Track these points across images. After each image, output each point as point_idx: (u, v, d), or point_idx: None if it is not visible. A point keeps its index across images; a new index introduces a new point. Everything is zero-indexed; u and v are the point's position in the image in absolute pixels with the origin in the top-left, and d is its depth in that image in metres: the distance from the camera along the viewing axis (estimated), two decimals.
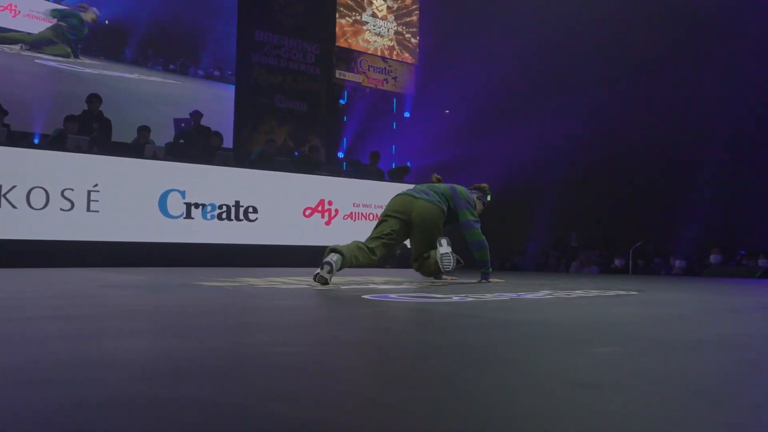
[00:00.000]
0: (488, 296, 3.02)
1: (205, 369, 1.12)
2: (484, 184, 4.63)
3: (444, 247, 3.92)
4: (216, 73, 11.47)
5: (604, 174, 12.60)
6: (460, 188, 4.34)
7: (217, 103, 11.09)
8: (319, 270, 3.53)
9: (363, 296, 2.88)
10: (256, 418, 0.81)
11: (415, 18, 14.11)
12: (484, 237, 4.20)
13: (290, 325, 1.78)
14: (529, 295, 3.19)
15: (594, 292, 3.60)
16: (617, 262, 9.43)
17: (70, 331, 1.54)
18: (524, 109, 13.07)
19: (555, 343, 1.50)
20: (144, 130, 8.19)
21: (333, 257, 3.58)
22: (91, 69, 10.15)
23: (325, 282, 3.51)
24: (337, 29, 12.67)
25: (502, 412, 0.87)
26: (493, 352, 1.38)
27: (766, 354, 1.42)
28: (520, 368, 1.20)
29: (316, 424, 0.78)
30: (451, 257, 3.93)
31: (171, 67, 10.96)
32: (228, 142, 9.88)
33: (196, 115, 9.14)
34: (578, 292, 3.56)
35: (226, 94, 11.49)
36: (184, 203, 7.10)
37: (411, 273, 5.58)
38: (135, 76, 10.61)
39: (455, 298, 2.85)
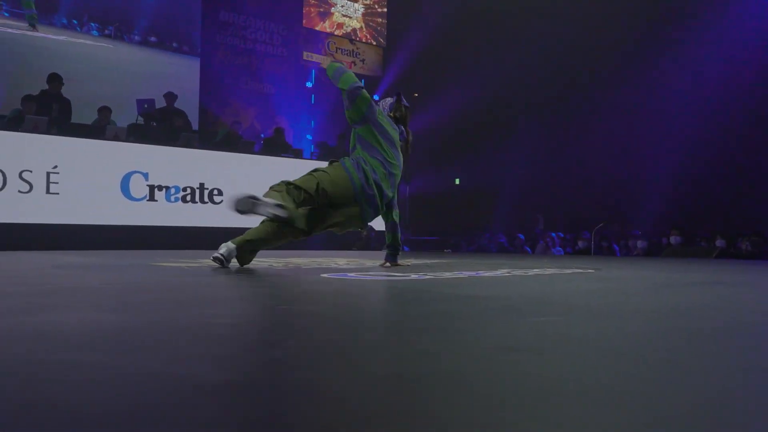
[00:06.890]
0: (447, 275, 3.06)
1: (129, 339, 1.12)
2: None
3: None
4: (184, 48, 11.20)
5: (572, 156, 12.75)
6: None
7: (182, 84, 10.87)
8: None
9: (322, 275, 2.90)
10: (160, 380, 0.81)
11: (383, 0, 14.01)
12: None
13: (239, 300, 1.78)
14: (487, 273, 3.24)
15: (551, 271, 3.66)
16: (581, 243, 9.60)
17: (16, 306, 1.53)
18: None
19: (494, 315, 1.54)
20: (105, 111, 8.05)
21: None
22: (51, 41, 9.78)
23: None
24: (303, 10, 12.52)
25: (422, 375, 0.89)
26: (431, 322, 1.40)
27: (686, 321, 1.47)
28: (452, 336, 1.22)
29: (223, 386, 0.79)
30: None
31: (135, 38, 10.66)
32: (193, 124, 9.71)
33: (170, 96, 9.05)
34: (535, 271, 3.62)
35: (192, 75, 11.27)
36: (147, 185, 7.02)
37: (374, 255, 5.61)
38: (92, 43, 10.18)
39: (414, 276, 2.88)
